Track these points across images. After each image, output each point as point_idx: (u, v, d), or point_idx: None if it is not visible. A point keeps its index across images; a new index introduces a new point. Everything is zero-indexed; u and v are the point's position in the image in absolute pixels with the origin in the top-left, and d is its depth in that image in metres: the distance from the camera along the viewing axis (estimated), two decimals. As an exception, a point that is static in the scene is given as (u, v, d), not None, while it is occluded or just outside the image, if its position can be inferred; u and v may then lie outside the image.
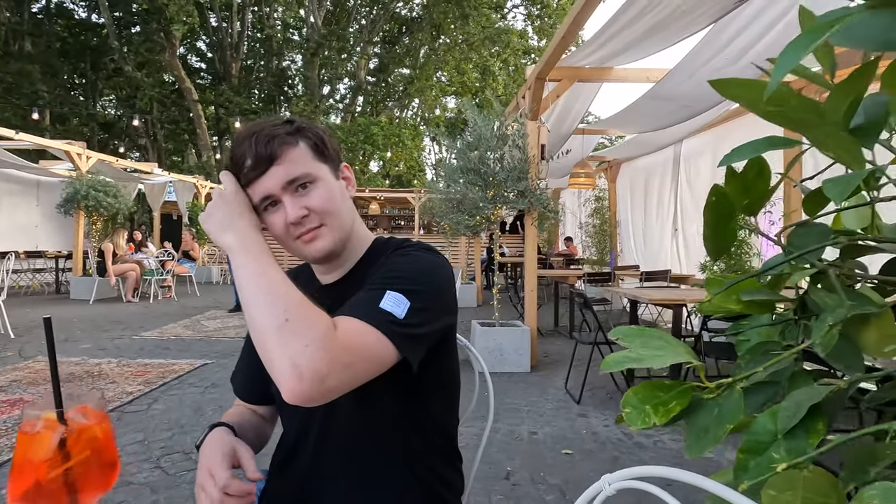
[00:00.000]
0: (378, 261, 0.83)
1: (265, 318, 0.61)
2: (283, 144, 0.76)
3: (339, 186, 0.83)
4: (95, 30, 18.63)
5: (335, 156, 0.84)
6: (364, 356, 0.65)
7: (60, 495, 0.49)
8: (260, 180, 0.75)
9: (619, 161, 8.20)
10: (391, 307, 0.69)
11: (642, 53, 3.69)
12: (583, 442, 2.84)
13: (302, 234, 0.78)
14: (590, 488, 0.61)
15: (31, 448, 0.48)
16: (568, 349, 5.18)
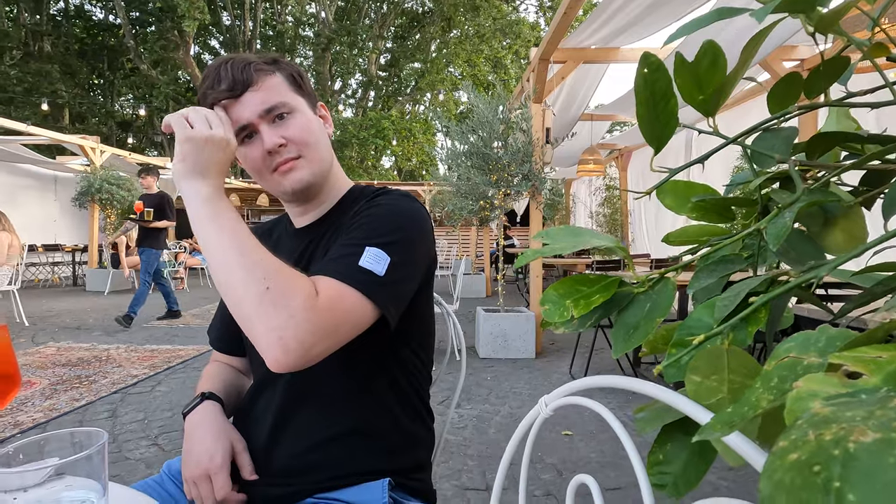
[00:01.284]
0: (354, 207, 0.80)
1: (243, 285, 0.58)
2: (260, 72, 0.74)
3: (317, 120, 0.81)
4: (112, 30, 18.94)
5: (311, 91, 0.83)
6: (347, 319, 0.63)
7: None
8: (235, 107, 0.73)
9: (630, 148, 8.05)
10: (370, 264, 0.66)
11: (647, 31, 3.58)
12: (584, 424, 2.78)
13: (279, 165, 0.75)
14: (529, 413, 0.57)
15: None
16: (574, 337, 5.11)
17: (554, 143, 4.41)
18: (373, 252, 0.68)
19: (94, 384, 3.35)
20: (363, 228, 0.72)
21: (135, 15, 17.52)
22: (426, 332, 0.88)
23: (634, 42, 4.03)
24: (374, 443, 0.79)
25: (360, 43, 19.46)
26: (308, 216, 0.86)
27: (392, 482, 0.79)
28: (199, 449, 0.74)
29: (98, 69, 19.39)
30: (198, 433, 0.76)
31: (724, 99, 0.54)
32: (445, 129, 4.38)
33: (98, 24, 19.37)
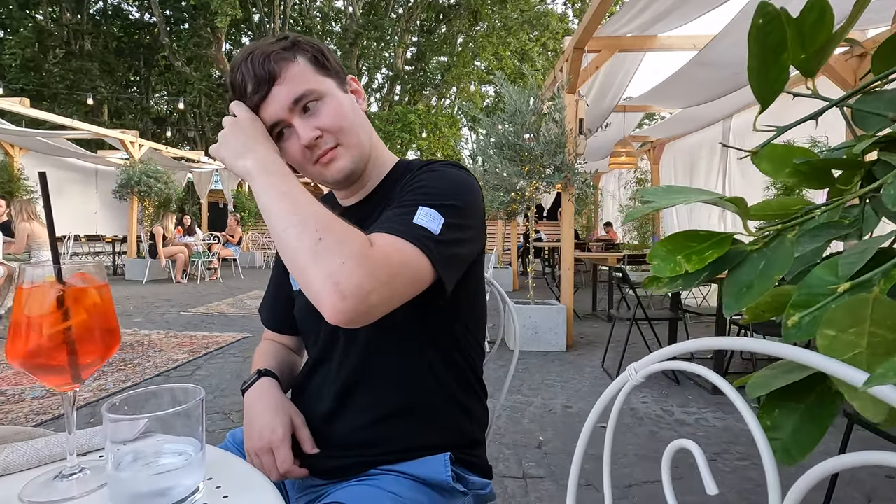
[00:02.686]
0: (402, 181, 0.79)
1: (297, 240, 0.58)
2: (281, 61, 0.71)
3: (348, 100, 0.77)
4: (148, 29, 19.50)
5: (338, 68, 0.78)
6: (402, 272, 0.62)
7: (59, 355, 0.48)
8: (265, 105, 0.71)
9: (663, 141, 7.86)
10: (425, 222, 0.66)
11: (687, 17, 3.48)
12: (620, 416, 2.73)
13: (319, 157, 0.74)
14: (615, 380, 0.56)
15: (29, 303, 0.47)
16: (605, 331, 5.03)
17: (587, 133, 4.34)
18: (426, 211, 0.67)
19: (137, 367, 3.48)
20: (416, 191, 0.71)
21: (169, 13, 17.99)
22: (479, 310, 0.88)
23: (674, 29, 3.92)
24: (433, 418, 0.79)
25: (386, 37, 19.52)
26: (355, 196, 0.85)
27: (453, 456, 0.79)
28: (260, 423, 0.75)
29: (134, 66, 20.00)
30: (258, 407, 0.78)
31: (825, 59, 0.51)
32: (476, 120, 4.37)
33: (134, 23, 19.95)
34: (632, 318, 3.36)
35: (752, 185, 5.49)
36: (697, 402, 2.98)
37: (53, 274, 0.49)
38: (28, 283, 0.48)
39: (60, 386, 0.50)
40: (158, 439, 0.48)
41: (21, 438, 0.56)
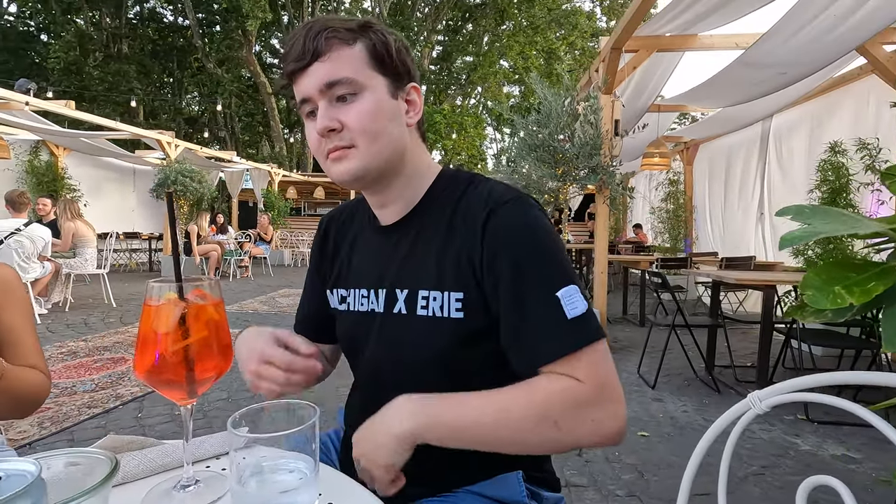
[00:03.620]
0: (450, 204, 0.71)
1: (541, 440, 0.60)
2: (335, 39, 0.65)
3: (391, 106, 0.69)
4: (181, 31, 20.04)
5: (402, 70, 0.70)
6: (609, 370, 0.63)
7: (180, 370, 0.49)
8: (301, 77, 0.66)
9: (697, 141, 7.67)
10: (576, 309, 0.62)
11: (733, 15, 3.38)
12: (660, 426, 2.69)
13: (330, 152, 0.68)
14: (733, 407, 0.54)
15: (155, 320, 0.49)
16: (638, 336, 4.95)
17: (623, 135, 4.27)
18: (565, 294, 0.62)
19: (179, 363, 3.58)
20: (533, 275, 0.64)
21: (202, 16, 18.45)
22: None
23: (717, 28, 3.82)
24: None
25: (412, 37, 19.59)
26: (390, 210, 0.76)
27: (524, 475, 0.78)
28: (245, 349, 0.71)
29: (168, 68, 20.58)
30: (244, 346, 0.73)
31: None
32: (502, 119, 4.33)
33: (169, 26, 20.53)
34: (670, 325, 3.29)
35: (795, 189, 5.31)
36: (740, 412, 2.90)
37: (175, 291, 0.50)
38: (155, 300, 0.50)
39: (180, 400, 0.51)
40: (275, 454, 0.49)
41: (135, 448, 0.58)
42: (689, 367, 3.64)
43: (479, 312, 0.66)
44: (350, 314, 0.78)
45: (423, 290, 0.69)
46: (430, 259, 0.70)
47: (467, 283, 0.67)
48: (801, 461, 2.27)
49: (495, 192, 0.70)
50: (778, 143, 5.79)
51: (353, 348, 0.81)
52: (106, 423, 2.55)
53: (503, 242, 0.65)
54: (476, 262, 0.66)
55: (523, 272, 0.63)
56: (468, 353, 0.68)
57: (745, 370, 3.73)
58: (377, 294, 0.74)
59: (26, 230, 4.56)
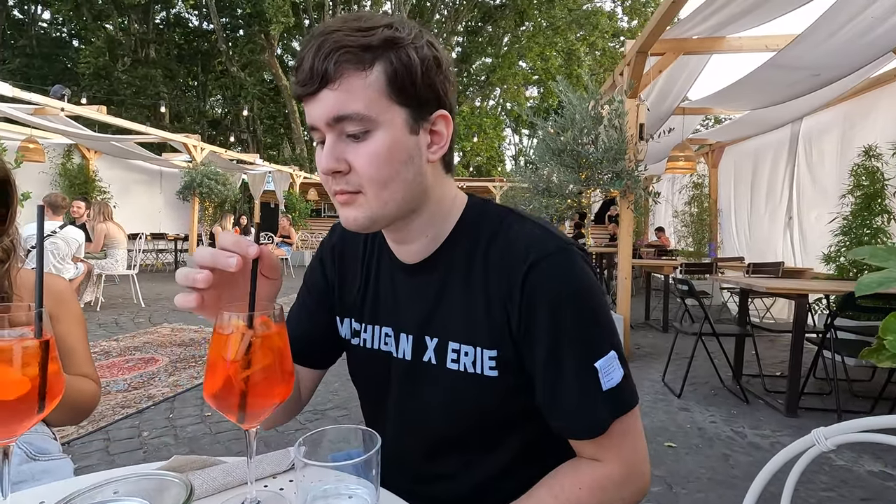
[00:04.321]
0: (483, 245, 0.65)
1: None
2: (347, 64, 0.54)
3: (409, 146, 0.59)
4: (206, 36, 20.48)
5: (428, 97, 0.59)
6: (638, 442, 0.63)
7: (246, 397, 0.51)
8: (309, 102, 0.57)
9: (723, 144, 7.53)
10: (612, 380, 0.59)
11: (766, 17, 3.31)
12: (687, 436, 2.65)
13: (337, 193, 0.60)
14: (795, 443, 0.54)
15: (223, 348, 0.51)
16: (661, 342, 4.88)
17: (648, 139, 4.22)
18: (603, 364, 0.59)
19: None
20: (573, 342, 0.60)
21: (226, 21, 18.81)
22: None
23: (746, 30, 3.75)
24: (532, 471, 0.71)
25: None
26: (411, 248, 0.68)
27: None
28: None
29: (193, 72, 21.03)
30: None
31: None
32: (521, 121, 4.30)
33: (194, 31, 20.99)
34: (697, 333, 3.24)
35: (826, 194, 5.18)
36: (770, 423, 2.83)
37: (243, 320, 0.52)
38: (224, 327, 0.51)
39: (244, 424, 0.53)
40: (338, 479, 0.51)
41: (197, 467, 0.60)
42: (716, 375, 3.57)
43: (513, 370, 0.63)
44: (366, 350, 0.74)
45: (453, 343, 0.65)
46: (460, 308, 0.65)
47: (502, 341, 0.63)
48: (836, 477, 2.21)
49: (534, 240, 0.63)
50: (808, 146, 5.65)
51: (372, 387, 0.77)
52: (139, 423, 2.62)
53: (544, 304, 0.60)
54: (514, 322, 0.62)
55: (563, 338, 0.60)
56: (502, 407, 0.66)
57: (775, 380, 3.65)
58: (401, 337, 0.70)
59: (61, 232, 4.72)
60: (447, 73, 0.61)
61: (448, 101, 0.62)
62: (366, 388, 0.79)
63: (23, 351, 0.47)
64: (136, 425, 2.60)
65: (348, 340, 0.77)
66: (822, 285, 3.18)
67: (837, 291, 2.94)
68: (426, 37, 0.59)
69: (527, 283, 0.61)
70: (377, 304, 0.74)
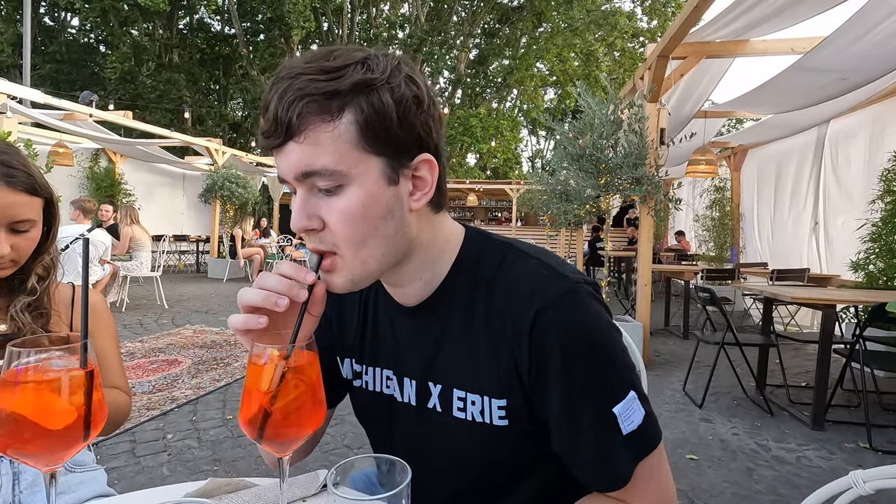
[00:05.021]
0: (484, 286, 0.62)
1: None
2: (312, 115, 0.50)
3: (387, 198, 0.54)
4: (228, 40, 20.84)
5: (408, 141, 0.54)
6: (665, 482, 0.61)
7: (280, 426, 0.52)
8: (276, 154, 0.53)
9: (746, 147, 7.38)
10: (633, 423, 0.57)
11: (793, 20, 3.25)
12: (709, 449, 2.60)
13: (313, 251, 0.57)
14: (831, 484, 0.53)
15: (257, 379, 0.52)
16: (681, 349, 4.81)
17: (669, 144, 4.17)
18: (622, 409, 0.56)
19: (228, 367, 3.72)
20: (588, 389, 0.57)
21: (247, 25, 19.13)
22: None
23: (771, 33, 3.68)
24: None
25: (449, 41, 19.71)
26: (407, 291, 0.65)
27: None
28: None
29: (215, 76, 21.43)
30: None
31: None
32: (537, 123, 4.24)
33: (216, 36, 21.37)
34: (720, 343, 3.18)
35: (851, 199, 5.04)
36: (796, 436, 2.77)
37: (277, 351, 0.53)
38: (258, 357, 0.53)
39: (277, 452, 0.54)
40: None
41: (229, 490, 0.62)
42: (739, 385, 3.51)
43: (524, 418, 0.60)
44: (367, 392, 0.73)
45: (458, 391, 0.63)
46: (464, 354, 0.62)
47: (511, 390, 0.60)
48: (866, 496, 2.15)
49: (539, 282, 0.59)
50: (834, 150, 5.50)
51: (378, 429, 0.76)
52: (164, 426, 2.68)
53: (555, 353, 0.57)
54: (523, 371, 0.59)
55: (578, 387, 0.57)
56: (514, 456, 0.63)
57: (800, 390, 3.57)
58: (404, 382, 0.68)
59: (89, 235, 4.85)
60: (430, 111, 0.55)
61: (432, 141, 0.56)
62: (372, 430, 0.77)
63: (70, 382, 0.49)
64: (160, 427, 2.66)
65: (350, 381, 0.75)
66: (850, 295, 3.09)
67: (867, 302, 2.86)
68: (404, 71, 0.54)
69: (535, 330, 0.57)
70: (376, 346, 0.71)
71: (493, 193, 17.50)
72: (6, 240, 0.85)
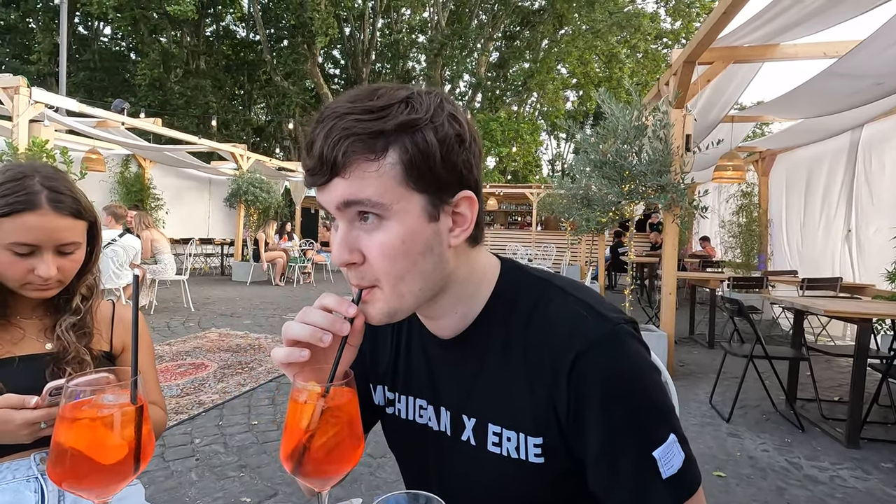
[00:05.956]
0: (520, 323, 0.62)
1: None
2: (357, 154, 0.51)
3: (426, 235, 0.55)
4: (252, 47, 21.27)
5: (449, 179, 0.55)
6: None
7: (319, 463, 0.53)
8: (321, 190, 0.55)
9: (774, 151, 7.20)
10: (673, 466, 0.56)
11: (826, 23, 3.16)
12: (737, 465, 2.54)
13: (353, 285, 0.57)
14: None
15: (298, 417, 0.53)
16: (707, 359, 4.71)
17: (695, 151, 4.09)
18: (662, 452, 0.55)
19: (252, 371, 3.78)
20: (628, 434, 0.56)
21: (271, 31, 19.49)
22: None
23: (802, 37, 3.59)
24: None
25: (470, 44, 19.73)
26: (441, 324, 0.65)
27: None
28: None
29: (240, 81, 21.88)
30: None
31: None
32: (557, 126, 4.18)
33: (241, 42, 21.84)
34: (748, 356, 3.10)
35: (885, 205, 4.88)
36: (829, 454, 2.68)
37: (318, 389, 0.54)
38: (299, 394, 0.54)
39: (318, 487, 0.55)
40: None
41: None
42: (768, 398, 3.42)
43: (561, 456, 0.60)
44: (400, 420, 0.73)
45: (493, 425, 0.63)
46: (499, 390, 0.62)
47: (549, 429, 0.59)
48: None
49: (578, 322, 0.59)
50: (868, 155, 5.33)
51: (411, 458, 0.76)
52: (192, 430, 2.74)
53: (595, 397, 0.56)
54: (561, 412, 0.58)
55: (617, 429, 0.56)
56: (550, 493, 0.62)
57: (833, 405, 3.46)
58: (440, 412, 0.68)
59: (120, 240, 5.00)
60: (471, 148, 0.56)
61: (472, 177, 0.57)
62: (404, 459, 0.78)
63: (122, 417, 0.51)
64: (188, 431, 2.72)
65: (383, 408, 0.75)
66: (887, 308, 2.99)
67: (905, 316, 2.76)
68: (447, 109, 0.55)
69: (574, 372, 0.57)
70: (409, 376, 0.72)
71: (513, 197, 17.45)
72: (53, 262, 0.89)
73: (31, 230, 0.85)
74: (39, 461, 0.86)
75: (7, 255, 0.85)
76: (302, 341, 0.56)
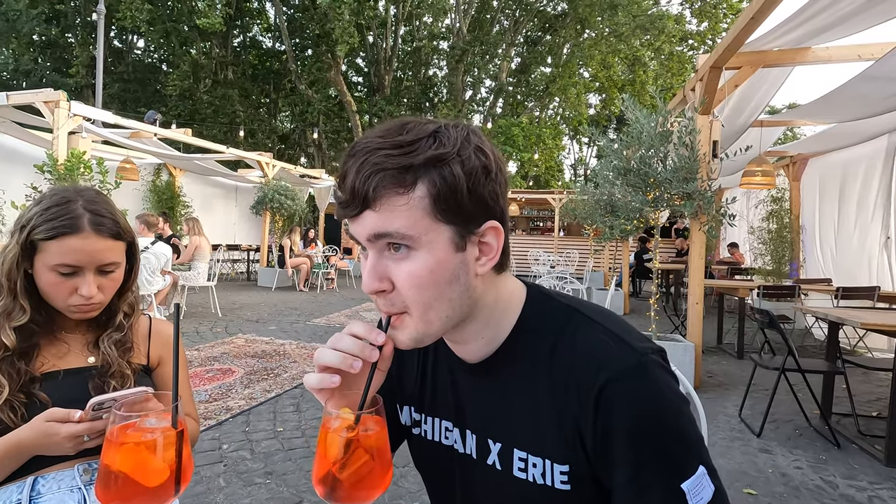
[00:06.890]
0: (546, 350, 0.62)
1: None
2: (388, 187, 0.53)
3: (454, 264, 0.56)
4: (278, 56, 21.78)
5: (476, 211, 0.56)
6: None
7: (350, 490, 0.55)
8: (352, 221, 0.57)
9: (805, 156, 6.99)
10: (703, 498, 0.55)
11: (860, 26, 3.07)
12: (769, 483, 2.47)
13: (384, 312, 0.60)
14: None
15: (329, 445, 0.55)
16: (736, 370, 4.59)
17: (723, 158, 4.01)
18: (691, 485, 0.55)
19: (278, 377, 3.85)
20: (657, 466, 0.56)
21: (295, 41, 19.92)
22: None
23: (835, 40, 3.49)
24: None
25: (491, 51, 19.76)
26: (468, 349, 0.67)
27: None
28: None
29: (265, 90, 22.40)
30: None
31: None
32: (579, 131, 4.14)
33: (267, 52, 22.38)
34: (780, 368, 3.01)
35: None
36: (867, 473, 2.58)
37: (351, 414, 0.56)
38: (331, 422, 0.55)
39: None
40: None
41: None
42: (801, 412, 3.30)
43: (587, 484, 0.60)
44: (426, 441, 0.75)
45: (520, 451, 0.63)
46: (525, 416, 0.63)
47: (576, 457, 0.59)
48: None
49: (606, 353, 0.59)
50: (908, 158, 5.13)
51: (437, 479, 0.77)
52: (219, 436, 2.80)
53: (622, 429, 0.56)
54: (588, 442, 0.58)
55: (646, 461, 0.55)
56: None
57: (871, 421, 3.33)
58: (465, 434, 0.69)
59: (152, 248, 5.16)
60: (497, 179, 0.58)
61: (499, 207, 0.59)
62: (430, 480, 0.79)
63: (164, 441, 0.53)
64: (216, 437, 2.79)
65: (409, 428, 0.77)
66: (928, 321, 2.86)
67: (948, 329, 2.64)
68: (474, 142, 0.56)
69: (601, 403, 0.56)
70: (435, 398, 0.73)
71: (535, 203, 17.35)
72: (94, 281, 0.93)
73: (74, 252, 0.89)
74: (82, 472, 0.90)
75: (53, 275, 0.90)
76: (333, 367, 0.57)
